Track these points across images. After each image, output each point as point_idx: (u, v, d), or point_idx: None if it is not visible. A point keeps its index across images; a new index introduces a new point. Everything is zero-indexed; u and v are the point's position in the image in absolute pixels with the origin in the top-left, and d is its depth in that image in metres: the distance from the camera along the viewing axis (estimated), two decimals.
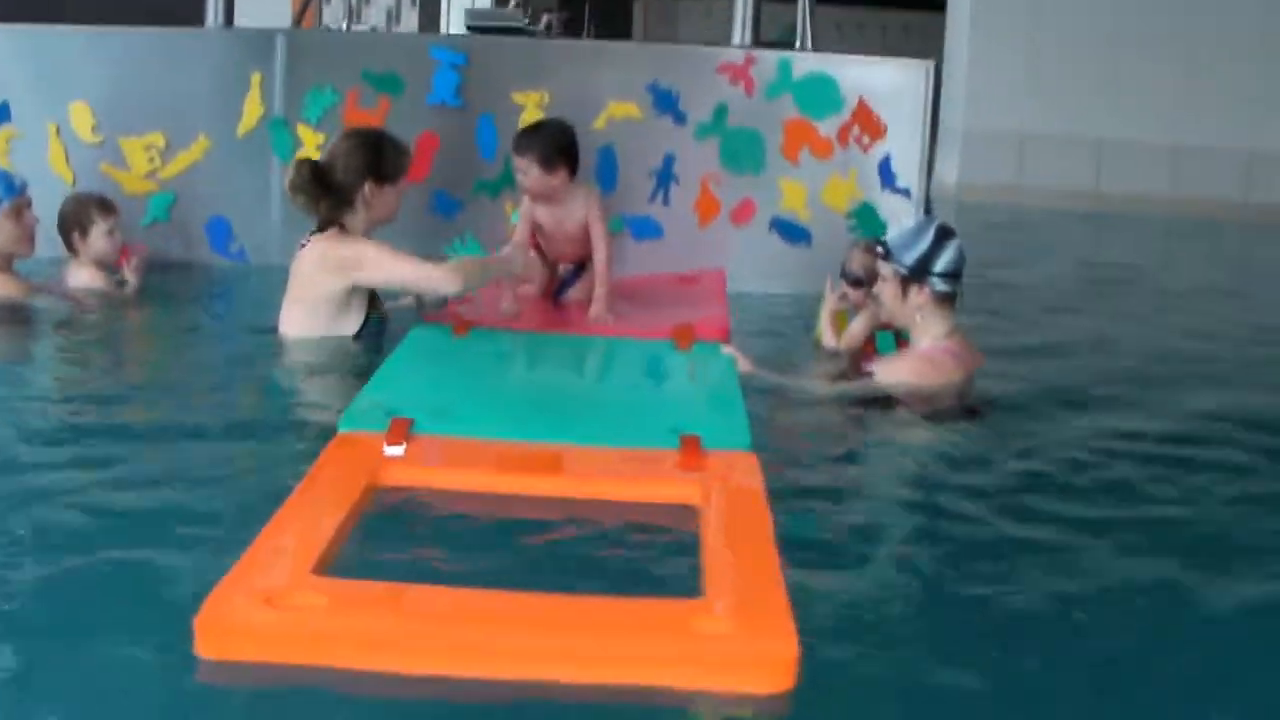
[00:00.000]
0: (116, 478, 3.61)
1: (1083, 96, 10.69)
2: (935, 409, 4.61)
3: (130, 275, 5.71)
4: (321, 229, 4.94)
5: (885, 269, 4.78)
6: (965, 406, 4.69)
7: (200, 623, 2.44)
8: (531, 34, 15.37)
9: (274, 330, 5.01)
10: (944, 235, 4.76)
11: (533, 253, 5.53)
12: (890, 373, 4.72)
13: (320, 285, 4.88)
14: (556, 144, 5.35)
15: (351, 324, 4.92)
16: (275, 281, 6.28)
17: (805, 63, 6.27)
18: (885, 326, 4.98)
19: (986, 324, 5.74)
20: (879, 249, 4.81)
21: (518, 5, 16.48)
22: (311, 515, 2.96)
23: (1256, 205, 10.18)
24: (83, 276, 5.69)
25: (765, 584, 2.68)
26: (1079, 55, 10.72)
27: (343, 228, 4.93)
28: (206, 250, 6.51)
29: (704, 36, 19.68)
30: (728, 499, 3.19)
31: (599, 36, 20.61)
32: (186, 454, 3.81)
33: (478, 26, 14.80)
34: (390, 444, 3.42)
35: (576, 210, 5.40)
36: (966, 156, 6.07)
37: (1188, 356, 5.95)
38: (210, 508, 3.37)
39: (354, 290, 4.89)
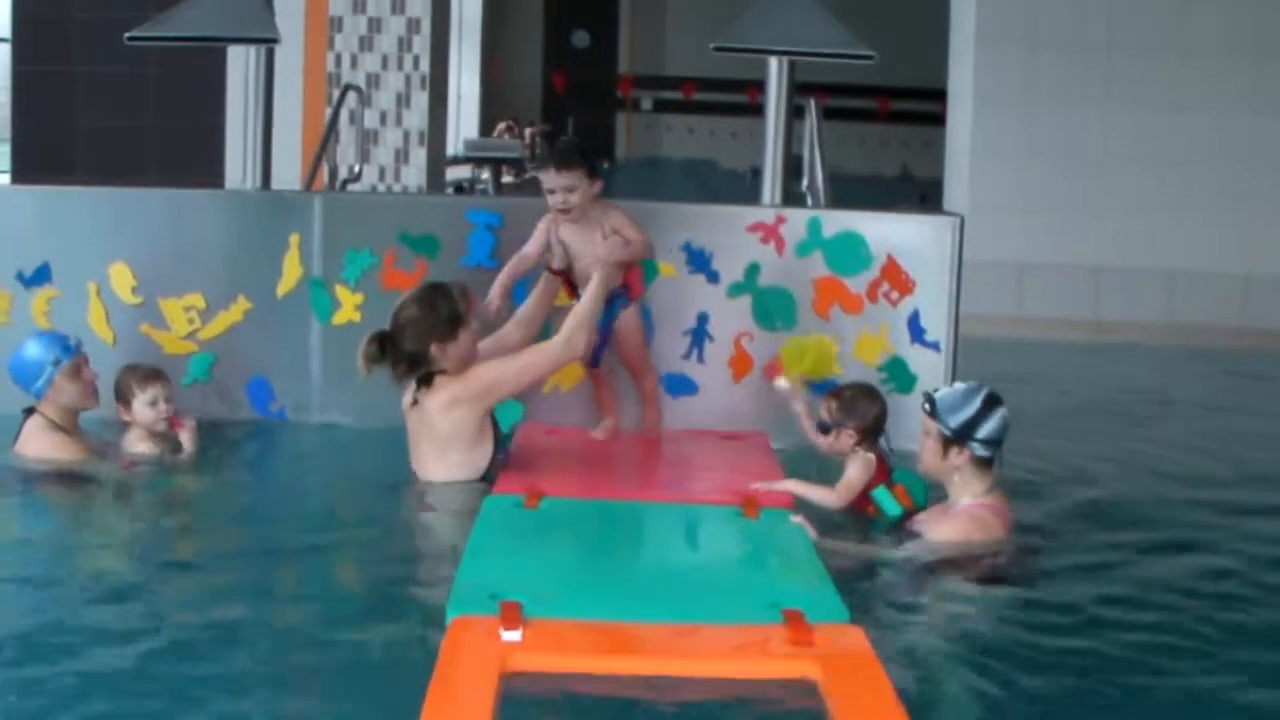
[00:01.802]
0: (228, 667, 3.71)
1: (1079, 222, 10.95)
2: (989, 565, 4.77)
3: (186, 443, 5.81)
4: (427, 381, 5.29)
5: (930, 425, 4.97)
6: (1020, 551, 4.87)
7: None
8: (522, 161, 15.76)
9: (406, 482, 5.40)
10: (991, 403, 4.95)
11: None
12: (939, 533, 4.88)
13: (457, 423, 5.27)
14: (586, 154, 5.79)
15: (485, 455, 5.35)
16: (315, 437, 6.46)
17: (835, 221, 6.43)
18: (879, 480, 5.20)
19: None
20: (925, 405, 5.00)
21: (507, 129, 16.79)
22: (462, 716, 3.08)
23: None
24: (136, 443, 5.80)
25: None
26: (1074, 179, 10.99)
27: (444, 372, 5.29)
28: (247, 409, 6.58)
29: (688, 153, 20.00)
30: (848, 674, 3.37)
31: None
32: (293, 630, 3.98)
33: (476, 156, 15.14)
34: (507, 629, 3.55)
35: (601, 220, 5.78)
36: (967, 287, 6.18)
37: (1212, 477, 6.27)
38: (331, 700, 3.52)
39: (485, 420, 5.32)
